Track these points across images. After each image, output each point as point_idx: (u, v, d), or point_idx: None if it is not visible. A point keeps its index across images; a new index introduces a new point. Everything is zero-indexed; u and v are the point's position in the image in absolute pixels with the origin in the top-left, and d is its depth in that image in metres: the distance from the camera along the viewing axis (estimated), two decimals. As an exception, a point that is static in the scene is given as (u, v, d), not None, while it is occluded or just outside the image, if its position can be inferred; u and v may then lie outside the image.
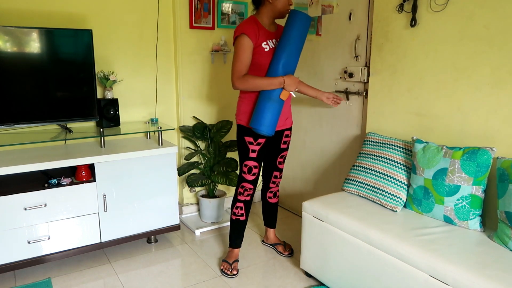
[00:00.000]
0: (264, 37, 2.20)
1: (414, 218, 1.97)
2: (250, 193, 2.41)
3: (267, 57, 2.21)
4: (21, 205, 2.17)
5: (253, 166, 2.34)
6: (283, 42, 2.14)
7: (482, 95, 1.92)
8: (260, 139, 2.30)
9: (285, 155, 2.54)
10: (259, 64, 2.22)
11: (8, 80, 2.29)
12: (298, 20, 2.15)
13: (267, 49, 2.21)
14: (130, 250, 2.67)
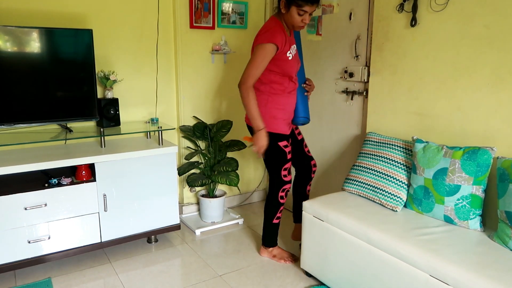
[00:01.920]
0: (289, 45, 2.21)
1: (414, 218, 1.97)
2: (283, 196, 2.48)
3: (291, 66, 2.23)
4: (21, 204, 2.17)
5: (290, 167, 2.42)
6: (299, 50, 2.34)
7: (482, 95, 1.92)
8: (290, 139, 2.41)
9: (305, 142, 2.59)
10: (283, 71, 2.22)
11: (9, 80, 2.29)
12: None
13: (290, 57, 2.22)
14: (130, 250, 2.67)
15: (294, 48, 2.27)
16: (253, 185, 3.58)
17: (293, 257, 2.52)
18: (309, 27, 2.92)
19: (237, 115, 3.33)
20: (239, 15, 3.16)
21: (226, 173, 2.90)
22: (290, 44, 2.22)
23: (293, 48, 2.26)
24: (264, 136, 2.17)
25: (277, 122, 2.27)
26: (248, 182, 3.54)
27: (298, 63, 2.31)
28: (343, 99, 2.71)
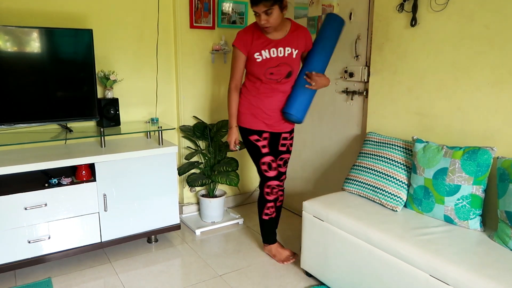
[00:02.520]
0: (260, 47, 2.24)
1: (414, 218, 1.97)
2: (280, 189, 2.46)
3: (258, 67, 2.28)
4: (21, 204, 2.17)
5: (271, 161, 2.40)
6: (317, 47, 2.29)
7: (482, 95, 1.92)
8: (264, 134, 2.39)
9: (285, 158, 2.53)
10: (251, 72, 2.33)
11: (9, 79, 2.29)
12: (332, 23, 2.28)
13: (259, 59, 2.26)
14: (131, 250, 2.67)
15: (275, 50, 2.25)
16: (253, 185, 3.58)
17: (293, 255, 2.51)
18: (309, 27, 2.92)
19: (237, 115, 3.33)
20: (239, 15, 3.16)
21: (226, 173, 2.90)
22: (264, 46, 2.24)
23: (273, 51, 2.24)
24: (233, 133, 2.41)
25: (246, 116, 2.39)
26: (248, 182, 3.54)
27: (279, 64, 2.27)
28: (343, 99, 2.71)
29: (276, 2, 2.09)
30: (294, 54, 2.28)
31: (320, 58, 2.28)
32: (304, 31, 2.32)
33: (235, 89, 2.37)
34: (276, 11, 2.11)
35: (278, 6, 2.11)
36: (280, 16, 2.16)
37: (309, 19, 2.91)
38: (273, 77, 2.29)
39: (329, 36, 2.27)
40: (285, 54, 2.26)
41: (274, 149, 2.49)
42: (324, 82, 2.27)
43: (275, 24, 2.16)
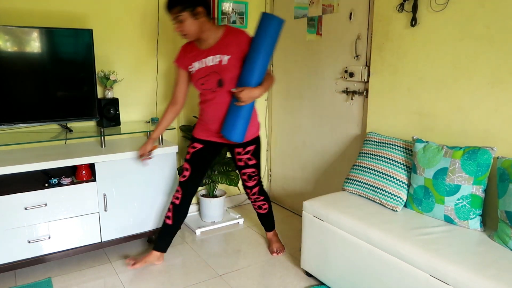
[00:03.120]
0: (192, 59, 2.22)
1: (414, 218, 1.97)
2: (178, 196, 2.38)
3: (193, 78, 2.25)
4: (21, 204, 2.17)
5: (185, 168, 2.38)
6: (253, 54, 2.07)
7: (482, 95, 1.92)
8: (196, 143, 2.37)
9: (248, 173, 2.39)
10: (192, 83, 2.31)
11: (9, 79, 2.29)
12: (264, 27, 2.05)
13: (192, 71, 2.24)
14: (131, 250, 2.67)
15: (208, 60, 2.17)
16: (253, 185, 3.57)
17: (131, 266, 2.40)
18: (309, 27, 2.92)
19: (237, 115, 3.33)
20: (239, 15, 3.16)
21: (226, 173, 2.90)
22: (195, 58, 2.20)
23: (203, 61, 2.18)
24: (145, 143, 2.41)
25: (196, 126, 2.42)
26: (248, 182, 3.54)
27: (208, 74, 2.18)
28: (343, 99, 2.71)
29: (185, 9, 2.01)
30: (224, 60, 2.13)
31: (249, 69, 2.07)
32: (237, 35, 2.14)
33: (171, 105, 2.37)
34: (188, 18, 2.03)
35: (189, 13, 2.02)
36: (196, 24, 2.06)
37: (309, 19, 2.91)
38: (205, 87, 2.21)
39: (260, 43, 2.04)
40: (215, 62, 2.15)
41: (236, 165, 2.43)
42: (251, 95, 2.07)
43: (191, 32, 2.08)
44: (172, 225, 2.41)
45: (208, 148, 2.38)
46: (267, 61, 2.10)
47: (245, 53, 2.13)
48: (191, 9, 2.03)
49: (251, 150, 2.34)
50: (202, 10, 2.07)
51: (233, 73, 2.15)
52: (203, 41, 2.17)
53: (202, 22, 2.09)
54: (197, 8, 2.04)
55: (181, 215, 2.42)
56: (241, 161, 2.38)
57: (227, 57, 2.14)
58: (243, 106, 2.12)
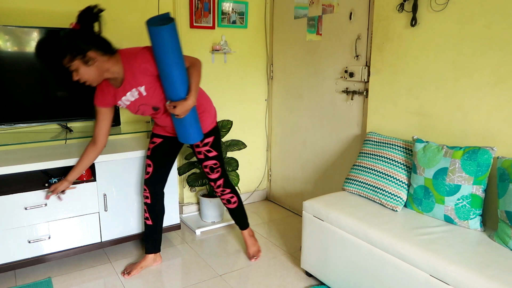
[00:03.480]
0: (114, 99, 2.06)
1: (414, 218, 1.97)
2: (147, 195, 2.34)
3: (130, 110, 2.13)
4: (21, 204, 2.17)
5: (147, 165, 2.34)
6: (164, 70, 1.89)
7: (482, 95, 1.92)
8: (155, 138, 2.31)
9: (209, 165, 2.33)
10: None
11: (9, 79, 2.29)
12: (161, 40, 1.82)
13: (123, 107, 2.12)
14: (131, 250, 2.67)
15: (125, 99, 2.04)
16: (253, 185, 3.58)
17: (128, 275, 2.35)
18: (309, 27, 2.92)
19: (237, 115, 3.33)
20: (239, 15, 3.16)
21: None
22: (116, 98, 2.05)
23: (124, 100, 2.05)
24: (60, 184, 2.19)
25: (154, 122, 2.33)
26: (249, 182, 3.54)
27: (138, 107, 2.09)
28: (343, 99, 2.71)
29: (74, 58, 1.84)
30: (143, 91, 2.01)
31: (169, 84, 1.92)
32: (133, 63, 1.94)
33: (91, 145, 2.16)
34: (81, 66, 1.86)
35: (80, 61, 1.85)
36: (92, 70, 1.89)
37: (309, 19, 2.91)
38: (145, 115, 2.17)
39: (164, 57, 1.85)
40: (135, 96, 2.03)
41: (196, 158, 2.37)
42: (185, 108, 1.93)
43: (91, 79, 1.92)
44: (153, 225, 2.40)
45: (168, 142, 2.32)
46: (182, 65, 1.91)
47: (154, 70, 1.94)
48: (80, 56, 1.84)
49: (209, 141, 2.27)
50: (94, 54, 1.87)
51: (159, 96, 2.04)
52: (112, 80, 2.01)
53: (99, 65, 1.90)
54: (88, 53, 1.85)
55: (158, 212, 2.40)
56: (201, 153, 2.30)
57: (143, 87, 2.00)
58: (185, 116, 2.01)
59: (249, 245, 2.58)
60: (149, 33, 1.83)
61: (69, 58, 1.84)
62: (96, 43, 1.89)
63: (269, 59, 3.39)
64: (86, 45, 1.85)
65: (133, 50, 1.99)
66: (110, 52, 1.94)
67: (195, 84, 1.99)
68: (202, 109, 2.22)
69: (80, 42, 1.85)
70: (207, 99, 2.28)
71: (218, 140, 2.31)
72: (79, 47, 1.84)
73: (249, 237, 2.60)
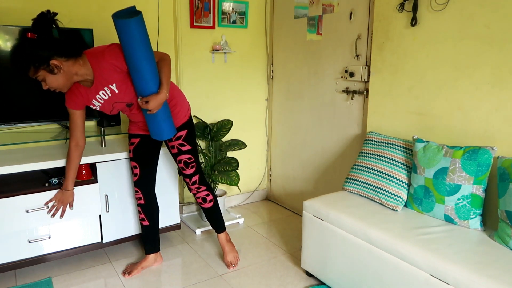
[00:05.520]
0: (87, 101, 2.03)
1: (414, 218, 1.97)
2: (140, 196, 2.34)
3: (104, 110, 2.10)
4: (21, 204, 2.17)
5: (133, 167, 2.32)
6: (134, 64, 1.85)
7: (482, 94, 1.92)
8: (132, 138, 2.29)
9: (183, 159, 2.28)
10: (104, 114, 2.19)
11: (9, 79, 2.29)
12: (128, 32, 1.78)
13: (96, 108, 2.08)
14: (131, 250, 2.67)
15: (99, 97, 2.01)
16: (253, 185, 3.58)
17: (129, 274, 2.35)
18: (310, 26, 2.92)
19: (237, 115, 3.33)
20: (240, 15, 3.16)
21: (226, 173, 2.90)
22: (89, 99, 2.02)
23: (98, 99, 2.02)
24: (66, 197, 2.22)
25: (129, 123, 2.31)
26: (249, 182, 3.54)
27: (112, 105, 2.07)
28: (344, 99, 2.71)
29: (39, 69, 1.79)
30: (115, 89, 1.99)
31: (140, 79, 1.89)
32: (102, 64, 1.91)
33: (74, 147, 2.13)
34: (47, 75, 1.82)
35: (45, 71, 1.80)
36: (59, 76, 1.84)
37: (309, 18, 2.91)
38: (119, 112, 2.13)
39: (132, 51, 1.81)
40: (108, 94, 2.00)
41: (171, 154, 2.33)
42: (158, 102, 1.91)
43: (61, 86, 1.88)
44: (150, 224, 2.39)
45: (146, 140, 2.29)
46: (151, 59, 1.88)
47: (123, 66, 1.92)
48: (44, 66, 1.79)
49: (182, 135, 2.23)
50: (57, 61, 1.80)
51: (132, 90, 2.02)
52: (83, 81, 1.97)
53: (66, 70, 1.85)
54: (51, 61, 1.79)
55: (153, 212, 2.40)
56: (174, 147, 2.26)
57: (114, 85, 1.97)
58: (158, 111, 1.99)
59: (227, 252, 2.47)
60: (116, 26, 1.78)
61: (33, 70, 1.80)
62: (57, 49, 1.81)
63: (269, 59, 3.39)
64: (47, 54, 1.79)
65: (99, 49, 1.95)
66: (75, 55, 1.87)
67: (166, 78, 1.97)
68: (175, 102, 2.19)
69: (40, 52, 1.78)
70: (180, 92, 2.26)
71: (192, 134, 2.28)
72: (40, 57, 1.78)
73: (226, 242, 2.49)
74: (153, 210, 2.41)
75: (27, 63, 1.79)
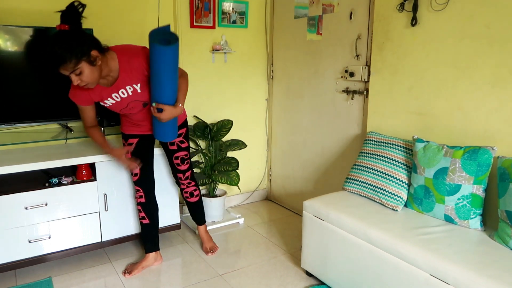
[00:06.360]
0: (99, 97, 2.02)
1: (414, 217, 1.97)
2: (142, 195, 2.36)
3: (111, 109, 2.12)
4: (22, 204, 2.17)
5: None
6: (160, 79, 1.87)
7: (482, 94, 1.92)
8: (130, 139, 2.30)
9: (180, 156, 2.35)
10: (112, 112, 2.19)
11: (9, 79, 2.29)
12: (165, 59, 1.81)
13: (107, 105, 2.08)
14: (131, 249, 2.67)
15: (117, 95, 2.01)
16: (253, 185, 3.58)
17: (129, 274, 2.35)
18: (310, 26, 2.92)
19: (238, 115, 3.33)
20: (240, 15, 3.16)
21: (226, 173, 2.90)
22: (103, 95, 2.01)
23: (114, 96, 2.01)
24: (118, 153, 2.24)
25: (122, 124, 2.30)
26: (249, 182, 3.54)
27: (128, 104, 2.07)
28: (344, 99, 2.71)
29: (81, 60, 1.74)
30: (137, 89, 2.01)
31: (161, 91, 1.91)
32: (134, 62, 1.93)
33: (90, 128, 2.18)
34: (86, 67, 1.77)
35: (86, 62, 1.76)
36: (95, 69, 1.81)
37: (309, 18, 2.91)
38: (130, 113, 2.15)
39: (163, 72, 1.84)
40: (129, 93, 2.01)
41: (167, 150, 2.37)
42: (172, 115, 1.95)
43: (92, 79, 1.82)
44: (150, 223, 2.41)
45: (143, 140, 2.31)
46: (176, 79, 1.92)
47: (149, 70, 1.94)
48: (86, 57, 1.75)
49: (183, 132, 2.32)
50: (96, 52, 1.80)
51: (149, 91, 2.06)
52: (103, 79, 1.94)
53: (101, 64, 1.85)
54: (92, 52, 1.77)
55: (153, 210, 2.42)
56: (174, 144, 2.32)
57: (139, 85, 2.00)
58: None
59: (206, 240, 2.64)
60: (152, 49, 1.78)
61: (74, 62, 1.72)
62: (92, 40, 1.80)
63: (269, 58, 3.39)
64: (88, 44, 1.76)
65: (133, 48, 1.96)
66: (103, 49, 1.88)
67: (183, 95, 2.03)
68: None
69: (81, 42, 1.74)
70: None
71: (188, 132, 2.39)
72: (82, 48, 1.73)
73: (205, 232, 2.68)
74: (153, 208, 2.42)
75: (69, 55, 1.70)
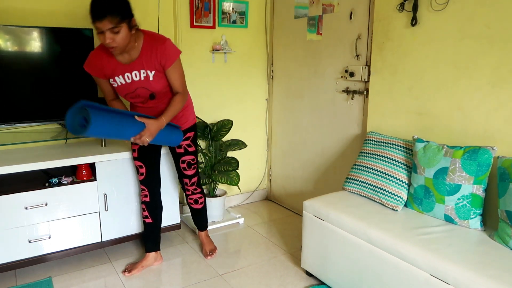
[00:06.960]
0: (112, 73, 2.02)
1: (414, 217, 1.97)
2: (146, 194, 2.36)
3: (118, 91, 2.11)
4: (22, 204, 2.17)
5: (138, 166, 2.33)
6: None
7: (482, 94, 1.92)
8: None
9: (187, 160, 2.36)
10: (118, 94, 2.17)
11: (9, 79, 2.29)
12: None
13: (115, 85, 2.07)
14: (131, 249, 2.67)
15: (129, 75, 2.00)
16: (253, 185, 3.58)
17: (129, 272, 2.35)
18: (310, 26, 2.92)
19: (238, 115, 3.33)
20: (240, 15, 3.16)
21: (226, 173, 2.90)
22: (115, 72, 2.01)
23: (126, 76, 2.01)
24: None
25: None
26: (249, 182, 3.54)
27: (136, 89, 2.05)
28: (344, 99, 2.71)
29: (124, 20, 1.82)
30: (150, 76, 2.01)
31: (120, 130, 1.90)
32: (158, 47, 1.97)
33: (112, 101, 2.19)
34: (124, 30, 1.84)
35: (127, 24, 1.84)
36: (129, 36, 1.88)
37: (309, 18, 2.91)
38: (135, 100, 2.14)
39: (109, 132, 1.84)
40: (141, 77, 2.01)
41: (173, 154, 2.38)
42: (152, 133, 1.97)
43: (122, 45, 1.87)
44: (153, 223, 2.41)
45: None
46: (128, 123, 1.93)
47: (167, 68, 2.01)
48: (128, 20, 1.84)
49: (190, 136, 2.33)
50: (135, 23, 1.91)
51: (162, 85, 2.06)
52: (125, 53, 1.98)
53: (134, 33, 1.92)
54: (133, 18, 1.88)
55: (157, 210, 2.42)
56: (181, 147, 2.32)
57: (153, 73, 2.01)
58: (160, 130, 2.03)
59: (206, 244, 2.62)
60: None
61: (119, 19, 1.80)
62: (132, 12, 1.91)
63: (269, 58, 3.39)
64: (132, 12, 1.89)
65: (160, 36, 2.02)
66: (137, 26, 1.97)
67: (171, 112, 2.03)
68: (187, 103, 2.26)
69: (130, 7, 1.88)
70: (189, 101, 2.31)
71: (196, 137, 2.39)
72: (130, 12, 1.87)
73: (206, 237, 2.66)
74: (157, 207, 2.43)
75: (121, 10, 1.81)
